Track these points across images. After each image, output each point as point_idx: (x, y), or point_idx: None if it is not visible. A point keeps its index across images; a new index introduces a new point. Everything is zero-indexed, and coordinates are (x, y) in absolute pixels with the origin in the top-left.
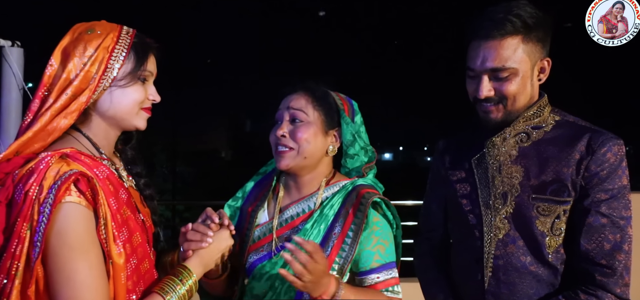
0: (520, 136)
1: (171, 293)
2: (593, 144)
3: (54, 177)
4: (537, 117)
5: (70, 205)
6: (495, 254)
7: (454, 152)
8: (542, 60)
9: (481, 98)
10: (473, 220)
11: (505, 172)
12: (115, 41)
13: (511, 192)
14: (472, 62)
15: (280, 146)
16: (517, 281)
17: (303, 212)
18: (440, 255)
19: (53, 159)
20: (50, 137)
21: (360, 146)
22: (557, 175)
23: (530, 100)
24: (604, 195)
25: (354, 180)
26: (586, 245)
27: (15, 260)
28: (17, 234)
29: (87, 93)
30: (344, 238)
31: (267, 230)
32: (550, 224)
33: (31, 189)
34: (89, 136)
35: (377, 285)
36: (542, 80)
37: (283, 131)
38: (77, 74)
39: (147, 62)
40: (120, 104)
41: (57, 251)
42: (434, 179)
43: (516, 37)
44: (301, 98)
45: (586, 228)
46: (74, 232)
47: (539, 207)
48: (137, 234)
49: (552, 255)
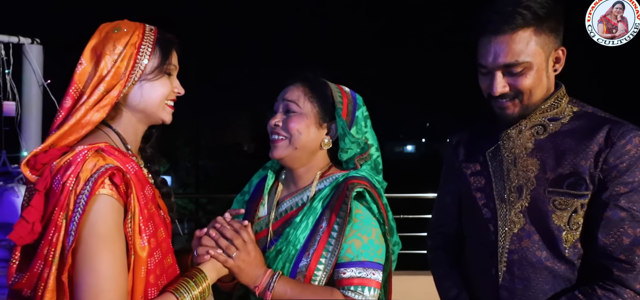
0: (536, 128)
1: (185, 294)
2: (612, 135)
3: (91, 170)
4: (554, 109)
5: (103, 197)
6: (510, 249)
7: (468, 145)
8: (557, 50)
9: (496, 95)
10: (487, 214)
11: (520, 165)
12: (141, 38)
13: (527, 186)
14: (483, 59)
15: (273, 135)
16: (532, 276)
17: (296, 205)
18: (453, 249)
19: (89, 152)
20: (83, 130)
21: (350, 141)
22: (575, 168)
23: (547, 92)
24: (623, 188)
25: (347, 172)
26: (604, 239)
27: (52, 247)
28: (54, 222)
29: (118, 87)
30: (330, 231)
31: (264, 224)
32: (567, 218)
33: (69, 181)
34: (118, 132)
35: (341, 280)
36: (557, 71)
37: (276, 120)
38: (109, 71)
39: (172, 57)
40: (150, 98)
41: (86, 240)
42: (447, 172)
43: (528, 30)
44: (296, 89)
45: (604, 222)
46: (103, 224)
47: (556, 200)
48: (162, 229)
49: (569, 250)
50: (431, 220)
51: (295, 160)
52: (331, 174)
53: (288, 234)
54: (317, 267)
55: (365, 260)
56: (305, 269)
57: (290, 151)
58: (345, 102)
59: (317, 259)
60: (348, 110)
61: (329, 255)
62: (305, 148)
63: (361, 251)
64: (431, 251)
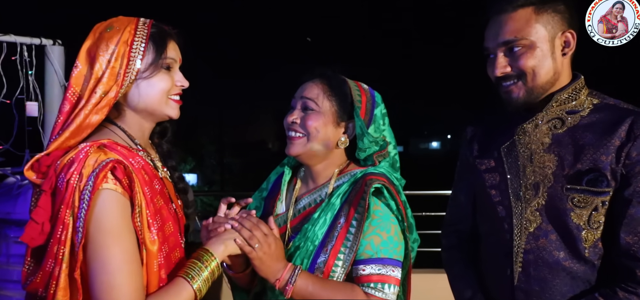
0: (553, 122)
1: (196, 277)
2: (635, 127)
3: (92, 166)
4: (572, 101)
5: (107, 192)
6: (526, 248)
7: (482, 140)
8: (565, 32)
9: (497, 75)
10: (502, 212)
11: (537, 161)
12: (133, 34)
13: (544, 183)
14: (486, 41)
15: (290, 132)
16: (549, 277)
17: (315, 202)
18: (468, 248)
19: (92, 149)
20: (83, 133)
21: (369, 141)
22: (595, 163)
23: (555, 75)
24: None
25: (365, 169)
26: (627, 239)
27: (61, 245)
28: (62, 220)
29: (115, 88)
30: (348, 227)
31: (282, 221)
32: (586, 216)
33: (72, 178)
34: (124, 128)
35: (361, 277)
36: (566, 54)
37: (294, 118)
38: (104, 72)
39: (167, 50)
40: (149, 96)
41: (94, 237)
42: (462, 169)
43: (528, 9)
44: (315, 87)
45: (627, 220)
46: (109, 218)
47: (574, 198)
48: (170, 223)
49: (590, 250)
50: (445, 219)
51: (311, 157)
52: (349, 170)
53: (306, 230)
54: (335, 263)
55: (385, 257)
56: (323, 265)
57: (307, 149)
58: (363, 101)
59: (335, 255)
60: (366, 109)
61: (347, 251)
62: (322, 146)
63: (380, 248)
64: (445, 250)
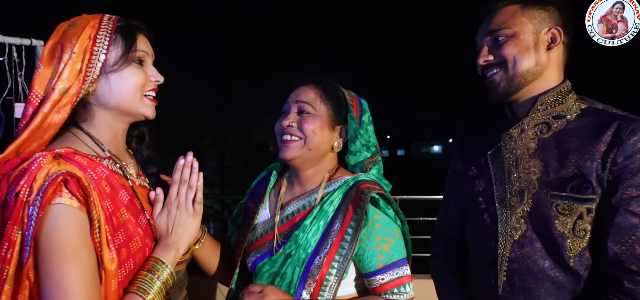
0: (539, 127)
1: (148, 290)
2: (621, 132)
3: (43, 178)
4: (558, 104)
5: (60, 207)
6: (510, 257)
7: (470, 147)
8: (551, 28)
9: (481, 64)
10: (488, 219)
11: (522, 166)
12: (97, 29)
13: (528, 189)
14: (476, 38)
15: (285, 135)
16: (534, 287)
17: (304, 208)
18: (456, 256)
19: (45, 159)
20: (46, 135)
21: (361, 143)
22: (579, 169)
23: (537, 67)
24: (635, 191)
25: (356, 175)
26: (614, 248)
27: (6, 264)
28: (8, 237)
29: (76, 85)
30: (343, 235)
31: (268, 228)
32: (571, 224)
33: (22, 191)
34: (90, 133)
35: (383, 286)
36: (552, 49)
37: (289, 121)
38: (63, 68)
39: (137, 42)
40: (121, 90)
41: (47, 255)
42: (451, 177)
43: (515, 5)
44: (310, 91)
45: (614, 229)
46: (64, 236)
47: (558, 205)
48: (137, 238)
49: (575, 259)
50: (435, 226)
51: (306, 161)
52: (339, 176)
53: (297, 238)
54: (329, 271)
55: (398, 260)
56: (317, 271)
57: (303, 152)
58: (354, 106)
59: (329, 262)
60: (357, 114)
61: (341, 259)
62: (318, 150)
63: (392, 253)
64: (433, 258)
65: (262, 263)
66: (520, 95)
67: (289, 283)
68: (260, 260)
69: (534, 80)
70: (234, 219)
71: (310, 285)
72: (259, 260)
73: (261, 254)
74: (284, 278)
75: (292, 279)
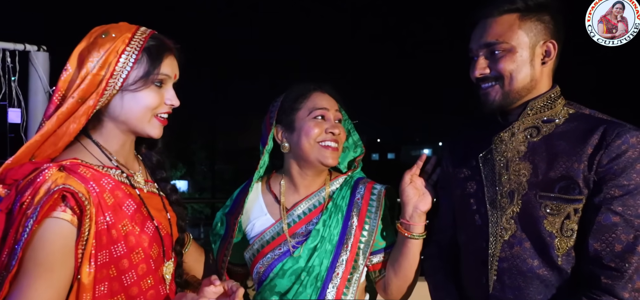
0: (529, 131)
1: None
2: (607, 135)
3: (44, 192)
4: (547, 109)
5: (53, 220)
6: (500, 257)
7: (461, 150)
8: (546, 42)
9: (476, 76)
10: (479, 220)
11: (512, 169)
12: (127, 43)
13: (518, 190)
14: (471, 42)
15: (332, 142)
16: (523, 285)
17: (314, 207)
18: (449, 257)
19: (51, 171)
20: (60, 142)
21: (353, 140)
22: (567, 171)
23: (532, 82)
24: (617, 191)
25: (352, 173)
26: (595, 245)
27: (2, 269)
28: (9, 244)
29: (94, 97)
30: (362, 225)
31: (279, 230)
32: (559, 224)
33: (25, 202)
34: (99, 143)
35: (381, 263)
36: (547, 63)
37: (338, 130)
38: (85, 76)
39: (162, 65)
40: (131, 110)
41: (24, 263)
42: (443, 178)
43: (513, 15)
44: (333, 100)
45: (596, 227)
46: (46, 249)
47: (547, 206)
48: (140, 250)
49: (562, 258)
50: (427, 228)
51: None
52: (336, 177)
53: (319, 232)
54: (356, 255)
55: (391, 244)
56: (345, 261)
57: (338, 157)
58: None
59: (354, 250)
60: None
61: (363, 246)
62: None
63: (392, 236)
64: (426, 260)
65: (283, 262)
66: (511, 101)
67: (317, 276)
68: (280, 260)
69: (527, 94)
70: (213, 231)
71: (338, 275)
72: (278, 260)
73: (280, 254)
74: (311, 271)
75: (319, 271)
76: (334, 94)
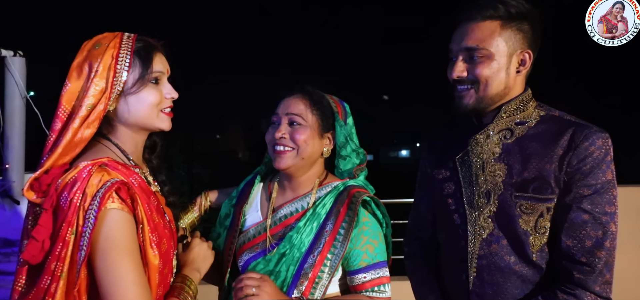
0: (503, 133)
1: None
2: (576, 138)
3: (97, 186)
4: (520, 112)
5: (114, 211)
6: (479, 254)
7: (439, 151)
8: (523, 51)
9: (454, 78)
10: (458, 219)
11: (488, 170)
12: (118, 47)
13: (494, 191)
14: (451, 43)
15: (278, 146)
16: (501, 281)
17: (296, 211)
18: (430, 255)
19: (94, 168)
20: (77, 148)
21: (351, 148)
22: (540, 172)
23: (505, 89)
24: (586, 190)
25: (345, 181)
26: (567, 242)
27: (60, 262)
28: (62, 238)
29: (103, 101)
30: (335, 235)
31: (261, 229)
32: (533, 222)
33: (76, 197)
34: (118, 144)
35: (364, 284)
36: (521, 72)
37: (282, 133)
38: (89, 86)
39: (153, 64)
40: (138, 111)
41: (107, 254)
42: (421, 178)
43: (495, 22)
44: (299, 102)
45: (567, 224)
46: (121, 236)
47: (522, 205)
48: (165, 240)
49: (537, 254)
50: (407, 227)
51: (299, 169)
52: (329, 182)
53: (291, 238)
54: (321, 269)
55: (380, 261)
56: (310, 270)
57: (297, 161)
58: (339, 111)
59: (322, 260)
60: (343, 119)
61: (333, 257)
62: (310, 158)
63: (375, 254)
64: (408, 258)
65: (256, 262)
66: (485, 106)
67: (283, 281)
68: (254, 259)
69: (500, 100)
70: (221, 221)
71: (303, 283)
72: (252, 259)
73: (255, 253)
74: (278, 276)
75: (285, 277)
76: (309, 96)
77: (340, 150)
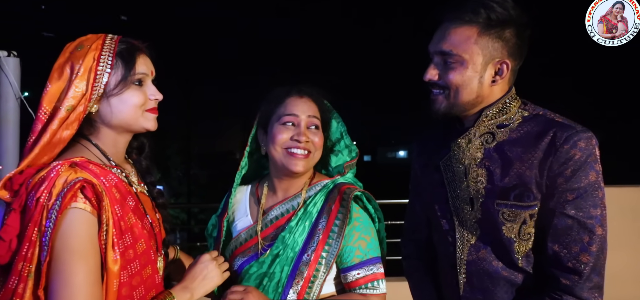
0: (485, 137)
1: None
2: (556, 140)
3: (62, 185)
4: (503, 114)
5: (75, 210)
6: (468, 260)
7: (427, 154)
8: (501, 61)
9: (425, 80)
10: (446, 225)
11: (471, 176)
12: (100, 49)
13: (477, 198)
14: (430, 44)
15: (298, 149)
16: (491, 287)
17: (287, 211)
18: (426, 256)
19: (63, 167)
20: (56, 149)
21: (345, 144)
22: (520, 178)
23: (477, 98)
24: (570, 195)
25: (335, 179)
26: (553, 248)
27: (27, 262)
28: (29, 238)
29: (83, 103)
30: (329, 233)
31: (252, 233)
32: (517, 229)
33: (42, 196)
34: (98, 145)
35: (357, 281)
36: (496, 82)
37: (306, 137)
38: (70, 88)
39: (136, 65)
40: (121, 112)
41: (59, 254)
42: (414, 180)
43: (473, 28)
44: (312, 104)
45: (552, 231)
46: (76, 237)
47: (504, 213)
48: (142, 241)
49: (523, 260)
50: (404, 228)
51: (305, 172)
52: (317, 181)
53: (284, 238)
54: (316, 267)
55: (373, 256)
56: (306, 268)
57: (309, 165)
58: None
59: (317, 258)
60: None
61: (328, 254)
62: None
63: (368, 250)
64: (405, 259)
65: (249, 266)
66: (458, 112)
67: (278, 282)
68: (247, 263)
69: (473, 107)
70: (209, 234)
71: (298, 283)
72: (245, 263)
73: (247, 257)
74: (273, 277)
75: (280, 278)
76: (316, 98)
77: (334, 146)
